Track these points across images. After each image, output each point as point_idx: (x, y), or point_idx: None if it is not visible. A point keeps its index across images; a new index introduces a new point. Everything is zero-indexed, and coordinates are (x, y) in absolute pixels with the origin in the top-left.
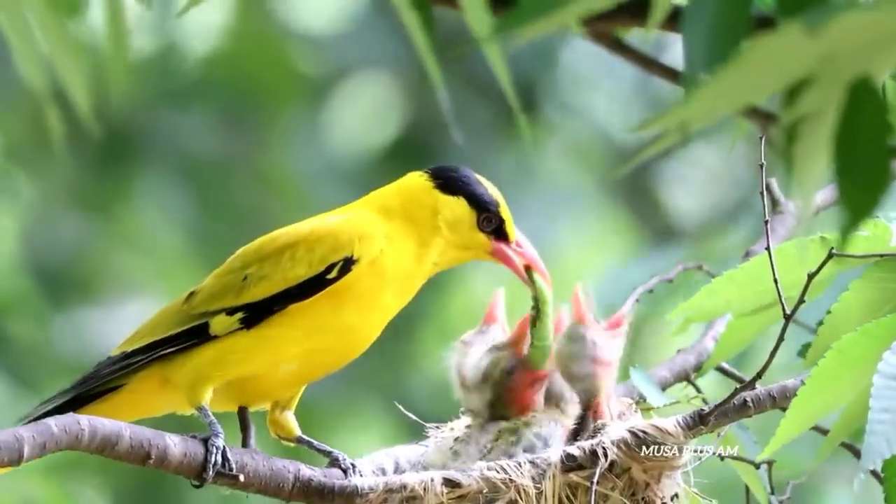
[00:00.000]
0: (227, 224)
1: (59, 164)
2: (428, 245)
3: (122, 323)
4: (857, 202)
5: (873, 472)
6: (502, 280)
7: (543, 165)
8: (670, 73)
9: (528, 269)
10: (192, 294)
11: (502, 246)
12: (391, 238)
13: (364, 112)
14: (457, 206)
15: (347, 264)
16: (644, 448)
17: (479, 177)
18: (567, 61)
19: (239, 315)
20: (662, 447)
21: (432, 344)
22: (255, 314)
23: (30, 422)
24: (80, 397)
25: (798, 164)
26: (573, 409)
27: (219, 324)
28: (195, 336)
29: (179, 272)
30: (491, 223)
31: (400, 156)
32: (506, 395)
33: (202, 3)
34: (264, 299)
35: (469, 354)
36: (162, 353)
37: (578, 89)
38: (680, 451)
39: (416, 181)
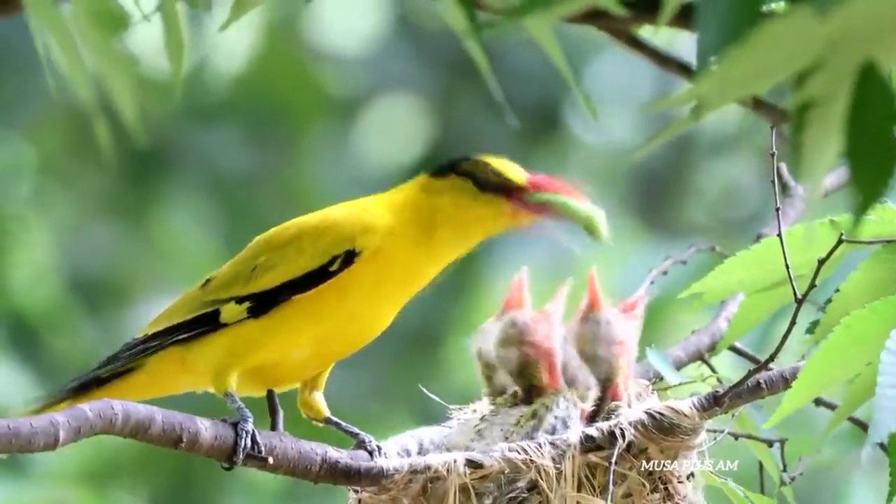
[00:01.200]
0: (255, 233)
1: (94, 177)
2: (436, 237)
3: None
4: (867, 186)
5: (881, 446)
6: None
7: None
8: (685, 70)
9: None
10: (207, 281)
11: (517, 201)
12: (396, 231)
13: (389, 132)
14: (452, 184)
15: (350, 256)
16: (661, 429)
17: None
18: (587, 80)
19: (247, 304)
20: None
21: (455, 351)
22: (262, 304)
23: (55, 403)
24: (101, 378)
25: (807, 150)
26: (590, 391)
27: (228, 312)
28: (207, 323)
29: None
30: (490, 182)
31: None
32: (529, 355)
33: (240, 17)
34: (270, 289)
35: (490, 335)
36: (177, 337)
37: (599, 107)
38: (696, 431)
39: (417, 180)
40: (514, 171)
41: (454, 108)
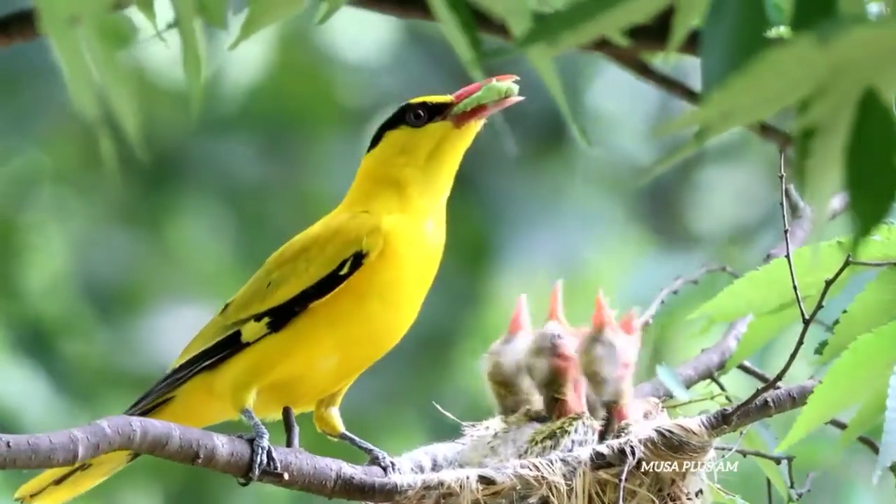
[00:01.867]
0: (269, 243)
1: (109, 187)
2: (409, 189)
3: (169, 335)
4: (867, 213)
5: (892, 468)
6: (528, 289)
7: (570, 193)
8: (691, 95)
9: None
10: (226, 306)
11: (454, 117)
12: (391, 218)
13: None
14: (388, 141)
15: (358, 259)
16: (670, 447)
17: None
18: (593, 96)
19: (266, 320)
20: (687, 446)
21: (467, 358)
22: (280, 317)
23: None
24: (141, 412)
25: (811, 177)
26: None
27: (249, 330)
28: (229, 345)
29: (223, 287)
30: (421, 116)
31: None
32: (560, 367)
33: (249, 36)
34: (286, 301)
35: (505, 353)
36: (202, 365)
37: (604, 123)
38: (704, 449)
39: (366, 160)
40: (436, 97)
41: None
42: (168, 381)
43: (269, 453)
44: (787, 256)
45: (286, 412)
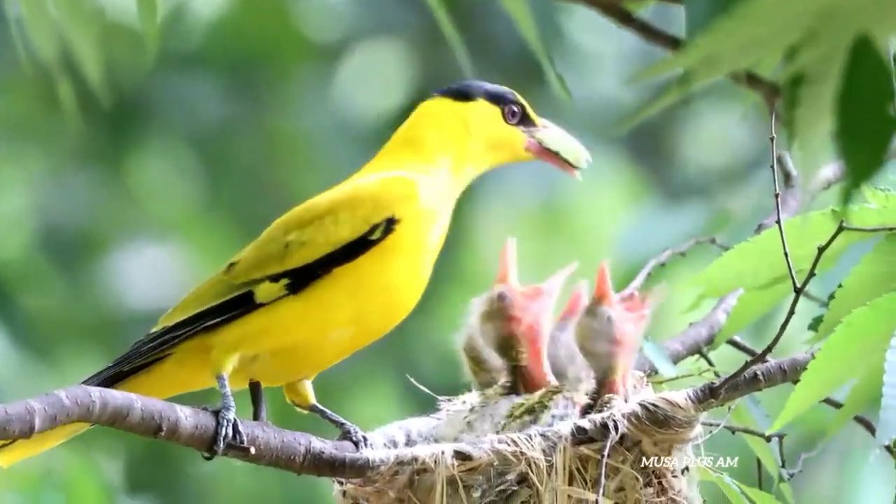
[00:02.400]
0: (235, 184)
1: (67, 130)
2: (462, 162)
3: (133, 279)
4: (859, 165)
5: (887, 447)
6: (508, 231)
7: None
8: (675, 44)
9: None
10: (231, 265)
11: (534, 138)
12: (427, 179)
13: (373, 77)
14: (480, 108)
15: (390, 224)
16: (655, 421)
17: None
18: (572, 30)
19: (284, 281)
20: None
21: (443, 314)
22: (301, 279)
23: None
24: (123, 372)
25: (800, 128)
26: (581, 385)
27: (264, 291)
28: (240, 305)
29: (189, 229)
30: (515, 114)
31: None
32: (512, 331)
33: None
34: (308, 264)
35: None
36: (206, 323)
37: (584, 59)
38: (690, 424)
39: (433, 104)
40: (530, 110)
41: (439, 53)
42: (165, 337)
43: (234, 426)
44: (778, 222)
45: (254, 384)
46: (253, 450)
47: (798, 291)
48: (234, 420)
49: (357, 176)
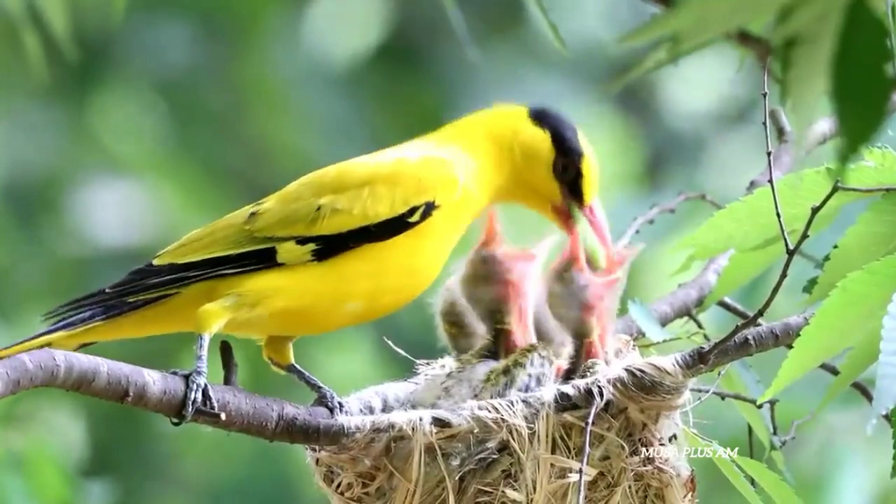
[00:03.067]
0: (204, 127)
1: (33, 74)
2: (503, 170)
3: (97, 221)
4: (855, 128)
5: (887, 416)
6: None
7: (530, 73)
8: (667, 2)
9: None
10: (253, 214)
11: (569, 207)
12: (472, 173)
13: (344, 19)
14: (538, 137)
15: (429, 209)
16: (641, 387)
17: (577, 127)
18: None
19: (312, 246)
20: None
21: None
22: (330, 247)
23: (64, 326)
24: (125, 302)
25: (794, 89)
26: (567, 350)
27: (288, 252)
28: (262, 260)
29: (156, 172)
30: (567, 172)
31: (386, 60)
32: (500, 294)
33: None
34: (340, 234)
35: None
36: (223, 271)
37: (567, 2)
38: (678, 390)
39: (513, 108)
40: (590, 185)
41: None
42: (175, 276)
43: (204, 391)
44: (770, 181)
45: (225, 347)
46: (223, 416)
47: (791, 253)
48: (205, 385)
49: (400, 148)
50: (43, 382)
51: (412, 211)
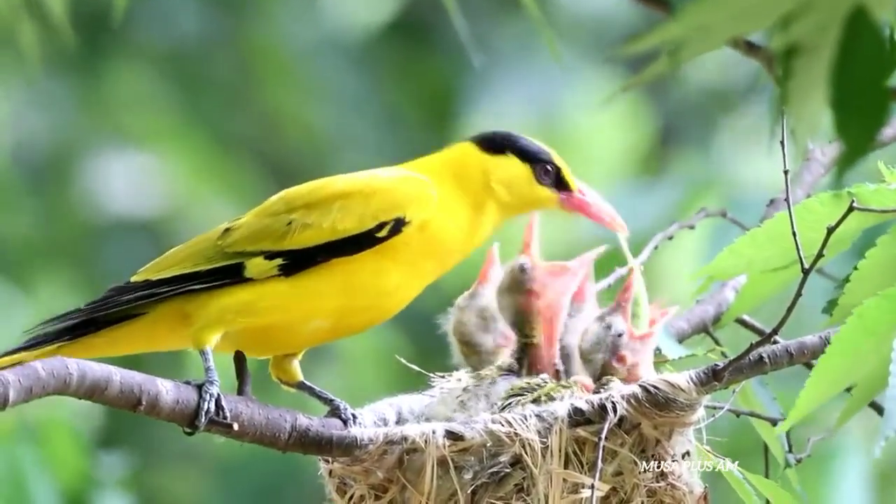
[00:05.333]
0: (214, 98)
1: (44, 43)
2: (482, 211)
3: (111, 191)
4: (854, 138)
5: None
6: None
7: (545, 42)
8: (667, 6)
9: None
10: (227, 230)
11: (572, 195)
12: (444, 204)
13: None
14: (509, 164)
15: (398, 225)
16: (655, 404)
17: (524, 134)
18: None
19: (279, 261)
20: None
21: None
22: (296, 262)
23: (41, 343)
24: (96, 320)
25: (795, 98)
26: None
27: (255, 267)
28: (228, 276)
29: (166, 143)
30: (549, 174)
31: (399, 34)
32: (532, 306)
33: None
34: (308, 248)
35: (470, 309)
36: (191, 287)
37: None
38: (692, 407)
39: (462, 148)
40: (570, 174)
41: None
42: (145, 293)
43: (217, 401)
44: (787, 200)
45: (239, 357)
46: (236, 426)
47: (806, 272)
48: (218, 395)
49: (378, 169)
50: (55, 390)
51: (380, 226)
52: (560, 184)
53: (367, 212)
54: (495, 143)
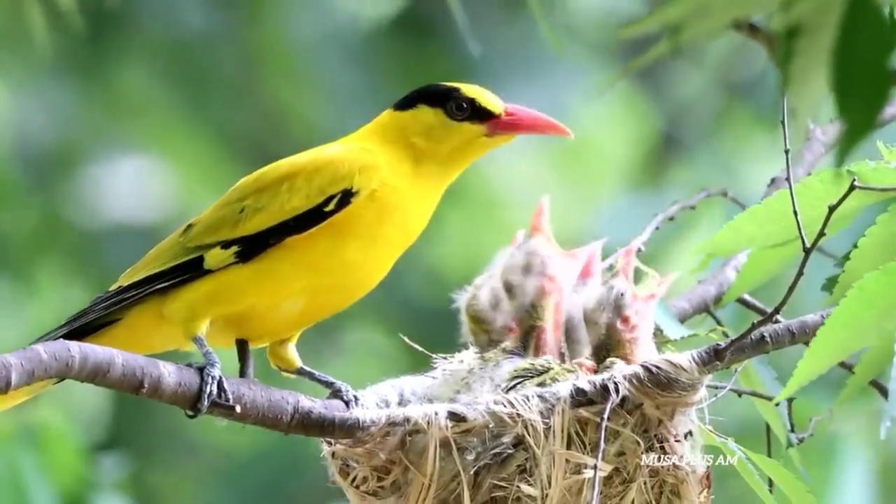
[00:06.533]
0: (219, 95)
1: (45, 43)
2: (421, 171)
3: (112, 190)
4: (856, 120)
5: None
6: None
7: (548, 40)
8: None
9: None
10: (189, 226)
11: (498, 120)
12: (393, 168)
13: None
14: (421, 114)
15: (346, 196)
16: (657, 384)
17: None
18: None
19: (234, 248)
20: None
21: (436, 232)
22: (251, 247)
23: None
24: (76, 332)
25: (795, 79)
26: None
27: (213, 257)
28: (189, 270)
29: (172, 141)
30: (463, 108)
31: (403, 30)
32: (545, 288)
33: None
34: (260, 232)
35: (487, 285)
36: (157, 287)
37: None
38: (694, 387)
39: (383, 115)
40: (488, 99)
41: None
42: (115, 299)
43: (219, 383)
44: (788, 179)
45: (240, 342)
46: (238, 408)
47: (807, 251)
48: (220, 377)
49: (328, 145)
50: (57, 373)
51: (328, 200)
52: (480, 114)
53: (313, 188)
54: (407, 99)
